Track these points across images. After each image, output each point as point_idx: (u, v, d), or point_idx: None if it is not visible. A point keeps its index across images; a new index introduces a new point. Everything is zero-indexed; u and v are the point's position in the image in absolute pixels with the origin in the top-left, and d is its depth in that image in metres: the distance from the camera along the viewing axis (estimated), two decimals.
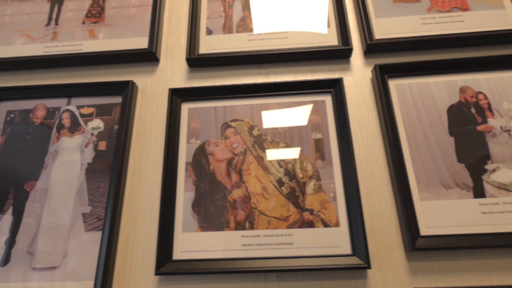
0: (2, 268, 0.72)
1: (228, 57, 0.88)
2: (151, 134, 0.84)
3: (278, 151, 0.78)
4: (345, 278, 0.68)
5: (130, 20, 0.96)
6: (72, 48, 0.93)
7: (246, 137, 0.80)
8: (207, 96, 0.84)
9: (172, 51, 0.93)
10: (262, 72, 0.88)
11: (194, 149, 0.80)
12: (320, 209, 0.72)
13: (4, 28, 0.98)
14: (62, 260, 0.72)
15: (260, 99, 0.84)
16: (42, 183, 0.79)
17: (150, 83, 0.90)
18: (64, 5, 1.00)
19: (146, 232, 0.75)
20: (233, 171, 0.77)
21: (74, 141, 0.83)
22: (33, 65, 0.93)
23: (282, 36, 0.90)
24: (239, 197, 0.74)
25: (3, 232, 0.75)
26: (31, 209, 0.77)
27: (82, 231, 0.74)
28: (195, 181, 0.77)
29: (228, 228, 0.72)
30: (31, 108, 0.88)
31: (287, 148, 0.78)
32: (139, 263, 0.72)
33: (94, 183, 0.78)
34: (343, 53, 0.87)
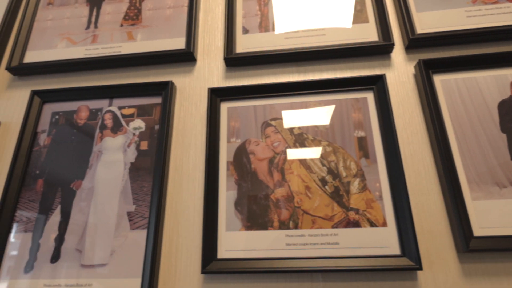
0: (53, 265, 0.75)
1: (266, 56, 0.87)
2: (191, 134, 0.85)
3: (320, 149, 0.77)
4: (394, 279, 0.67)
5: (167, 21, 0.97)
6: (111, 50, 0.95)
7: (287, 135, 0.79)
8: (246, 95, 0.84)
9: (208, 51, 0.94)
10: (301, 70, 0.88)
11: (235, 148, 0.80)
12: (366, 208, 0.71)
13: (46, 33, 1.01)
14: (110, 257, 0.73)
15: (299, 97, 0.83)
16: (88, 183, 0.81)
17: (188, 83, 0.91)
18: (102, 8, 1.03)
19: (189, 231, 0.75)
20: (275, 170, 0.76)
21: (117, 141, 0.84)
22: (75, 67, 0.95)
23: (319, 33, 0.89)
24: (282, 196, 0.74)
25: (53, 230, 0.78)
26: (78, 207, 0.79)
27: (128, 229, 0.76)
28: (237, 180, 0.77)
29: (272, 228, 0.72)
30: (74, 110, 0.90)
31: (329, 146, 0.77)
32: (184, 262, 0.73)
33: (137, 182, 0.80)
34: (384, 49, 0.85)
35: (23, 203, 0.81)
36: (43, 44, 0.99)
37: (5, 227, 0.78)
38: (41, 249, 0.76)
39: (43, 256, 0.76)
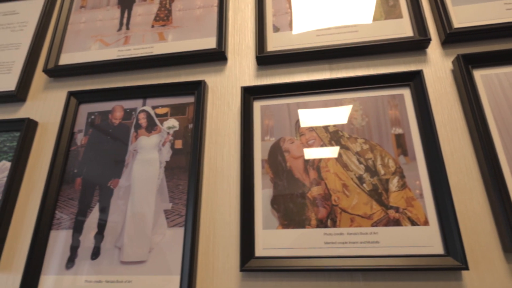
0: (93, 261, 0.76)
1: (298, 54, 0.87)
2: (224, 132, 0.85)
3: (356, 147, 0.76)
4: (438, 279, 0.65)
5: (197, 22, 0.98)
6: (143, 51, 0.97)
7: (321, 133, 0.79)
8: (279, 93, 0.84)
9: (239, 50, 0.94)
10: (333, 67, 0.87)
11: (269, 147, 0.80)
12: (406, 206, 0.69)
13: (80, 35, 1.04)
14: (149, 255, 0.75)
15: (333, 94, 0.82)
16: (125, 181, 0.83)
17: (219, 82, 0.91)
18: (133, 10, 1.04)
19: (225, 229, 0.76)
20: (311, 168, 0.76)
21: (152, 140, 0.86)
22: (108, 68, 0.97)
23: (352, 29, 0.88)
24: (318, 194, 0.73)
25: (92, 227, 0.80)
26: (116, 205, 0.81)
27: (165, 227, 0.77)
28: (273, 178, 0.77)
29: (310, 226, 0.71)
30: (109, 110, 0.92)
31: (366, 144, 0.76)
32: (221, 259, 0.73)
33: (173, 181, 0.81)
34: (420, 45, 0.83)
35: (63, 201, 0.83)
36: (77, 46, 1.02)
37: (46, 224, 0.81)
38: (81, 246, 0.78)
39: (84, 253, 0.77)
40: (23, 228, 0.84)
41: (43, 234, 0.80)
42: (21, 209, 0.86)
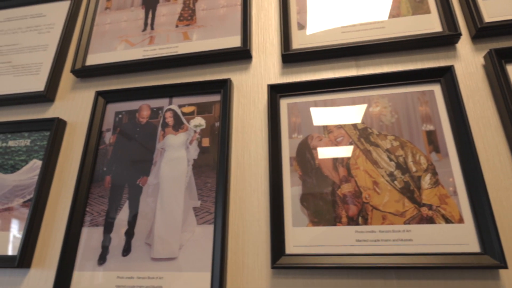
0: (124, 258, 0.77)
1: (324, 51, 0.86)
2: (251, 130, 0.85)
3: (386, 144, 0.75)
4: (474, 278, 0.64)
5: (221, 21, 0.98)
6: (168, 50, 0.98)
7: (350, 130, 0.78)
8: (306, 91, 0.84)
9: (264, 48, 0.94)
10: (360, 64, 0.86)
11: (297, 144, 0.80)
12: (440, 204, 0.68)
13: (105, 36, 1.05)
14: (179, 251, 0.75)
15: (361, 91, 0.81)
16: (153, 179, 0.84)
17: (244, 80, 0.91)
18: (157, 10, 1.06)
19: (254, 226, 0.76)
20: (340, 166, 0.75)
21: (179, 139, 0.86)
22: (134, 68, 0.99)
23: (378, 26, 0.87)
24: (349, 191, 0.73)
25: (122, 224, 0.81)
26: (145, 203, 0.82)
27: (195, 224, 0.77)
28: (301, 175, 0.76)
29: (341, 223, 0.71)
30: (136, 109, 0.93)
31: (396, 141, 0.75)
32: (251, 256, 0.74)
33: (201, 178, 0.81)
34: (450, 40, 0.81)
35: (93, 198, 0.85)
36: (103, 47, 1.03)
37: (78, 221, 0.82)
38: (112, 243, 0.79)
39: (115, 249, 0.79)
40: (55, 225, 0.86)
41: (75, 231, 0.81)
42: (52, 207, 0.88)
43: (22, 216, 0.86)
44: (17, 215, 0.87)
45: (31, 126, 0.97)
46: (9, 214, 0.87)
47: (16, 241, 0.84)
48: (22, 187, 0.90)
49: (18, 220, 0.86)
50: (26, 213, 0.86)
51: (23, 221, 0.86)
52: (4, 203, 0.89)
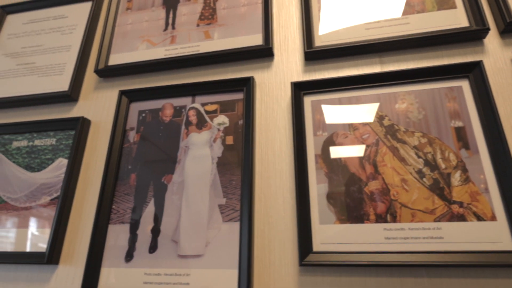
0: (151, 255, 0.78)
1: (347, 48, 0.86)
2: (274, 128, 0.85)
3: (414, 140, 0.74)
4: (508, 277, 0.63)
5: (242, 19, 0.99)
6: (190, 49, 0.98)
7: (376, 127, 0.78)
8: (330, 88, 0.83)
9: (285, 46, 0.94)
10: (384, 60, 0.85)
11: (322, 141, 0.79)
12: (471, 201, 0.67)
13: (127, 36, 1.07)
14: (205, 249, 0.76)
15: (387, 88, 0.81)
16: (178, 177, 0.84)
17: (267, 78, 0.92)
18: (178, 10, 1.07)
19: (280, 224, 0.76)
20: (367, 163, 0.75)
21: (203, 137, 0.87)
22: (156, 67, 1.00)
23: (402, 22, 0.86)
24: (376, 189, 0.72)
25: (148, 221, 0.82)
26: (170, 200, 0.82)
27: (220, 221, 0.77)
28: (327, 173, 0.76)
29: (369, 221, 0.70)
30: (159, 108, 0.94)
31: (424, 137, 0.74)
32: (278, 254, 0.74)
33: (226, 176, 0.82)
34: (477, 35, 0.80)
35: (119, 196, 0.86)
36: (125, 47, 1.05)
37: (105, 218, 0.83)
38: (139, 240, 0.80)
39: (142, 247, 0.79)
40: (81, 222, 0.87)
41: (102, 228, 0.82)
42: (78, 204, 0.89)
43: (49, 213, 0.88)
44: (44, 213, 0.88)
45: (56, 125, 0.98)
46: (37, 211, 0.89)
47: (44, 238, 0.85)
48: (49, 185, 0.91)
49: (45, 217, 0.88)
50: (53, 210, 0.88)
51: (50, 219, 0.87)
52: (32, 201, 0.91)
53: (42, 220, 0.88)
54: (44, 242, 0.85)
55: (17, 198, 0.92)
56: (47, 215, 0.88)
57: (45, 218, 0.88)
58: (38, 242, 0.85)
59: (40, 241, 0.85)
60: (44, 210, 0.89)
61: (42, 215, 0.88)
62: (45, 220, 0.87)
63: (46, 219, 0.87)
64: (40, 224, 0.87)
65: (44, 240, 0.85)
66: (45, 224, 0.87)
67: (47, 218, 0.88)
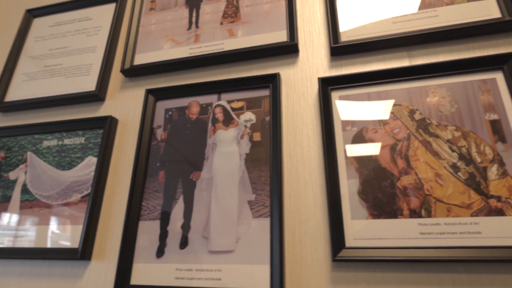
0: (182, 251, 0.79)
1: (375, 42, 0.85)
2: (302, 124, 0.85)
3: (447, 134, 0.73)
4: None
5: (266, 16, 0.99)
6: (214, 47, 0.99)
7: (407, 121, 0.76)
8: (358, 83, 0.83)
9: (310, 42, 0.94)
10: (412, 54, 0.84)
11: (352, 137, 0.79)
12: (510, 195, 0.66)
13: (151, 36, 1.08)
14: (236, 244, 0.76)
15: (416, 82, 0.80)
16: (206, 173, 0.85)
17: (292, 74, 0.91)
18: (201, 9, 1.07)
19: (311, 219, 0.76)
20: (399, 157, 0.74)
21: (230, 134, 0.87)
22: (181, 66, 1.01)
23: (431, 14, 0.85)
24: (409, 183, 0.71)
25: (178, 217, 0.83)
26: (199, 197, 0.83)
27: (250, 217, 0.78)
28: (358, 168, 0.75)
29: (402, 216, 0.69)
30: (185, 105, 0.95)
31: (458, 131, 0.73)
32: (309, 249, 0.73)
33: (254, 172, 0.82)
34: (510, 26, 0.78)
35: (148, 193, 0.87)
36: (150, 47, 1.06)
37: (135, 215, 0.85)
38: (169, 236, 0.81)
39: (172, 243, 0.80)
40: (111, 219, 0.89)
41: (133, 225, 0.84)
42: (108, 201, 0.91)
43: (80, 210, 0.90)
44: (76, 210, 0.90)
45: (85, 124, 1.00)
46: (69, 208, 0.91)
47: (77, 234, 0.87)
48: (79, 183, 0.93)
49: (77, 214, 0.90)
50: (84, 207, 0.90)
51: (82, 215, 0.89)
52: (64, 198, 0.93)
53: (73, 217, 0.90)
54: (76, 238, 0.87)
55: (49, 195, 0.95)
56: (78, 212, 0.90)
57: (76, 215, 0.90)
58: (70, 238, 0.87)
59: (73, 237, 0.87)
60: (75, 207, 0.91)
61: (74, 212, 0.90)
62: (77, 217, 0.89)
63: (78, 216, 0.89)
64: (72, 221, 0.89)
65: (76, 237, 0.87)
66: (76, 220, 0.89)
67: (79, 215, 0.89)
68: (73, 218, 0.89)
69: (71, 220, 0.89)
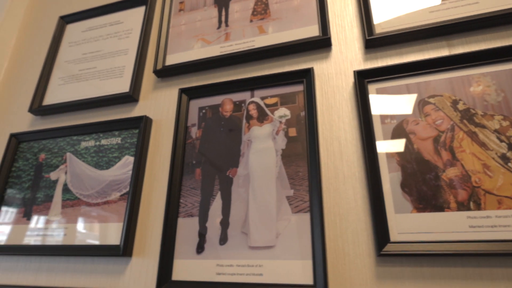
0: (222, 247, 0.79)
1: (412, 33, 0.83)
2: (338, 118, 0.84)
3: (494, 124, 0.70)
4: None
5: (296, 12, 0.98)
6: (245, 45, 1.00)
7: (450, 112, 0.74)
8: (395, 75, 0.81)
9: (343, 35, 0.93)
10: (452, 43, 0.82)
11: (391, 129, 0.77)
12: None
13: (182, 36, 1.10)
14: (276, 240, 0.76)
15: (458, 71, 0.77)
16: (242, 170, 0.85)
17: (325, 68, 0.91)
18: (230, 7, 1.08)
19: (352, 214, 0.75)
20: (443, 149, 0.72)
21: (264, 130, 0.87)
22: (212, 64, 1.02)
23: (470, 1, 0.82)
24: (455, 176, 0.69)
25: (217, 214, 0.83)
26: (237, 193, 0.84)
27: (290, 213, 0.77)
28: (399, 161, 0.74)
29: (449, 209, 0.67)
30: (219, 103, 0.96)
31: (506, 120, 0.70)
32: (352, 244, 0.72)
33: (291, 168, 0.81)
34: None
35: (186, 190, 0.88)
36: (180, 47, 1.08)
37: (174, 212, 0.86)
38: (208, 232, 0.82)
39: (212, 239, 0.81)
40: (150, 216, 0.90)
41: (172, 221, 0.85)
42: (146, 199, 0.93)
43: (120, 208, 0.92)
44: (116, 208, 0.93)
45: (120, 125, 1.03)
46: (109, 206, 0.94)
47: (117, 231, 0.89)
48: (118, 182, 0.96)
49: (117, 212, 0.92)
50: (123, 205, 0.92)
51: (122, 213, 0.91)
52: (103, 197, 0.95)
53: (113, 215, 0.92)
54: (117, 235, 0.89)
55: (89, 194, 0.98)
56: (118, 210, 0.92)
57: (116, 213, 0.92)
58: (111, 235, 0.90)
59: (113, 234, 0.89)
60: (115, 206, 0.93)
61: (114, 210, 0.92)
62: (117, 214, 0.92)
63: (118, 213, 0.92)
64: (113, 218, 0.92)
65: (117, 234, 0.89)
66: (117, 218, 0.91)
67: (118, 212, 0.92)
68: (113, 216, 0.92)
69: (111, 218, 0.92)
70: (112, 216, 0.92)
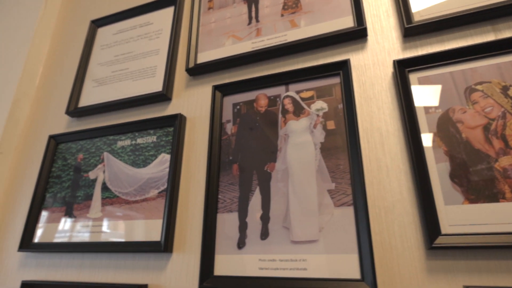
0: (263, 241, 0.79)
1: (455, 18, 0.80)
2: (378, 109, 0.82)
3: None
4: None
5: (328, 3, 0.97)
6: (277, 40, 0.99)
7: (500, 99, 0.71)
8: (438, 62, 0.78)
9: (379, 25, 0.91)
10: (499, 27, 0.78)
11: (437, 119, 0.74)
12: None
13: (212, 34, 1.10)
14: (319, 234, 0.75)
15: (507, 56, 0.74)
16: (281, 164, 0.85)
17: (362, 59, 0.89)
18: (260, 3, 1.08)
19: (398, 206, 0.73)
20: (494, 138, 0.69)
21: (301, 124, 0.87)
22: (244, 60, 1.02)
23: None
24: (510, 164, 0.66)
25: (257, 209, 0.83)
26: (276, 188, 0.83)
27: (332, 206, 0.76)
28: (447, 151, 0.71)
29: (505, 199, 0.64)
30: (253, 99, 0.96)
31: None
32: (399, 238, 0.70)
33: (332, 161, 0.80)
34: None
35: (224, 186, 0.89)
36: (211, 45, 1.08)
37: (213, 208, 0.86)
38: (249, 227, 0.82)
39: (253, 234, 0.81)
40: (189, 212, 0.91)
41: (212, 217, 0.85)
42: (184, 196, 0.94)
43: (158, 205, 0.93)
44: (154, 205, 0.94)
45: (155, 123, 1.04)
46: (148, 204, 0.95)
47: (157, 228, 0.90)
48: (155, 179, 0.97)
49: (156, 209, 0.93)
50: (162, 202, 0.93)
51: (161, 210, 0.92)
52: (142, 194, 0.97)
53: (153, 212, 0.93)
54: (157, 232, 0.90)
55: (128, 192, 0.99)
56: (157, 207, 0.93)
57: (155, 210, 0.93)
58: (151, 232, 0.91)
59: (154, 231, 0.91)
60: (153, 203, 0.94)
61: (152, 207, 0.94)
62: (156, 211, 0.93)
63: (157, 210, 0.93)
64: (152, 215, 0.93)
65: (157, 230, 0.90)
66: (156, 215, 0.92)
67: (158, 209, 0.93)
68: (153, 213, 0.93)
69: (151, 215, 0.93)
70: (151, 213, 0.93)
